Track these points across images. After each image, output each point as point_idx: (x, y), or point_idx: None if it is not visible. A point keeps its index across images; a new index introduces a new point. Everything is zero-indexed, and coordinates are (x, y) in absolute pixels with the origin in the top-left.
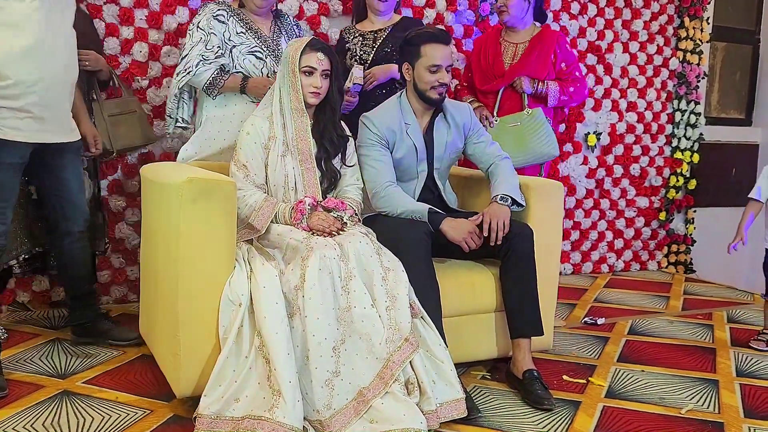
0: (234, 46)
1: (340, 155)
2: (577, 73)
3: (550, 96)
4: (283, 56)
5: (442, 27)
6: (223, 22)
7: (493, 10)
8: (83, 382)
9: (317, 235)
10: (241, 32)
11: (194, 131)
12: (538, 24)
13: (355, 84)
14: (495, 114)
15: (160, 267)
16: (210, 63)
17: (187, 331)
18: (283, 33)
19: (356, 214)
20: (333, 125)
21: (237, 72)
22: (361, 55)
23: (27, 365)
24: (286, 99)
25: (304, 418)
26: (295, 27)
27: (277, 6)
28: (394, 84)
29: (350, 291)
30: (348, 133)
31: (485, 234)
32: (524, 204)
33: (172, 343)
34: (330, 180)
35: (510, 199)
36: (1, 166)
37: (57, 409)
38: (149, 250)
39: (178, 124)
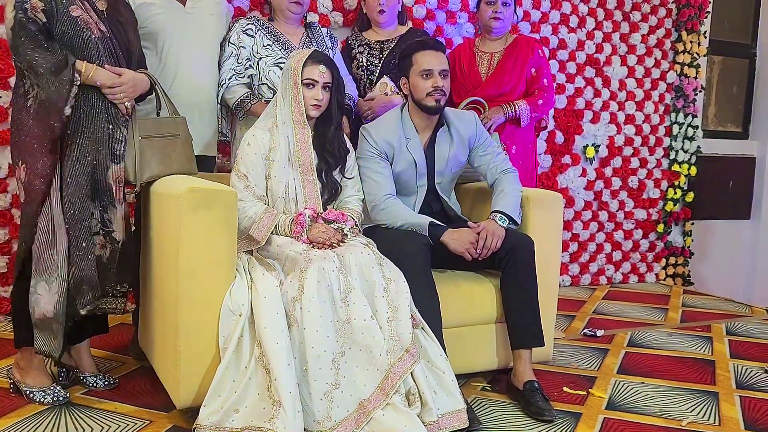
0: (261, 58)
1: (340, 167)
2: (545, 81)
3: (522, 116)
4: (285, 67)
5: (441, 39)
6: (251, 36)
7: (478, 25)
8: (82, 393)
9: (317, 247)
10: (268, 45)
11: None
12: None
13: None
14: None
15: (160, 277)
16: (242, 76)
17: (186, 341)
18: (314, 44)
19: (357, 225)
20: (334, 137)
21: (263, 84)
22: (368, 65)
23: None
24: (287, 110)
25: (305, 429)
26: (326, 38)
27: (307, 18)
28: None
29: (350, 303)
30: (349, 145)
31: (478, 248)
32: (519, 223)
33: (172, 353)
34: (331, 192)
35: (508, 220)
36: None
37: (56, 419)
38: (149, 260)
39: (219, 138)
